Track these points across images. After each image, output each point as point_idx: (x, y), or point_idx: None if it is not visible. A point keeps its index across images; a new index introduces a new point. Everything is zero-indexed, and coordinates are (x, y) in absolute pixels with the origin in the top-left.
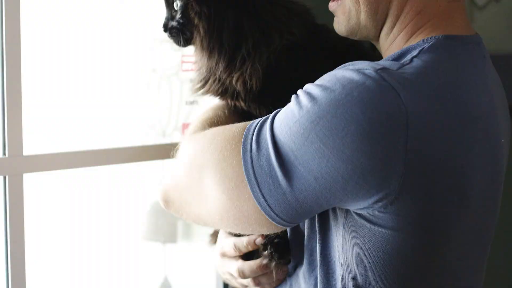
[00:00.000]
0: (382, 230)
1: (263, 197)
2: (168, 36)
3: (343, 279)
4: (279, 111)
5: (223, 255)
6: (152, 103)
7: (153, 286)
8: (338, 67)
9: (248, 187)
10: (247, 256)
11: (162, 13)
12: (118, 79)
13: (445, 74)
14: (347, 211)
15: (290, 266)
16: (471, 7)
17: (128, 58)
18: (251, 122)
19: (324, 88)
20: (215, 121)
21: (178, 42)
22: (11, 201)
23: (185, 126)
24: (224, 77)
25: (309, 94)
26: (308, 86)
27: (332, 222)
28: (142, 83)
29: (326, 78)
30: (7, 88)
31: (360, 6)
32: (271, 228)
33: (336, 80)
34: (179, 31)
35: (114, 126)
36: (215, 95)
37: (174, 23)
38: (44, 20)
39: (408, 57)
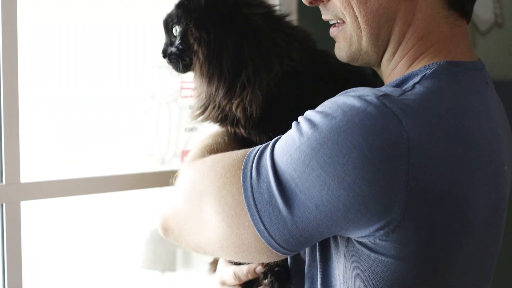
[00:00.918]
0: (383, 258)
1: (263, 225)
2: (167, 62)
3: None
4: (280, 138)
5: (223, 283)
6: (151, 130)
7: None
8: (339, 94)
9: (248, 214)
10: (247, 284)
11: (161, 38)
12: (117, 105)
13: (447, 100)
14: (348, 239)
15: None
16: (473, 33)
17: (127, 84)
18: (251, 149)
19: (325, 114)
20: (215, 148)
21: (177, 68)
22: (8, 229)
23: (184, 153)
24: (224, 103)
25: (310, 121)
26: (309, 113)
27: (333, 250)
28: (141, 109)
29: (327, 105)
30: (5, 116)
31: (361, 32)
32: (272, 256)
33: (337, 106)
34: (178, 57)
35: (113, 153)
36: (214, 121)
37: (173, 49)
38: (43, 48)
39: (410, 83)
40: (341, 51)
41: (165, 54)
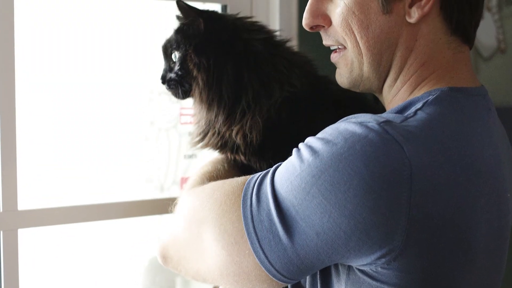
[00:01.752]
0: (385, 286)
1: (264, 253)
2: (166, 88)
3: None
4: (280, 165)
5: None
6: (150, 156)
7: None
8: (340, 120)
9: (248, 242)
10: None
11: (160, 64)
12: (116, 132)
13: (449, 127)
14: (349, 267)
15: None
16: (476, 58)
17: (126, 110)
18: (251, 176)
19: (326, 141)
20: (215, 175)
21: (176, 94)
22: (5, 257)
23: (183, 180)
24: (223, 130)
25: (311, 148)
26: (310, 140)
27: (334, 279)
28: (140, 136)
29: (328, 131)
30: (2, 143)
31: (363, 58)
32: (272, 284)
33: (338, 133)
34: (178, 83)
35: (111, 180)
36: (214, 148)
37: (172, 75)
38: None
39: (412, 109)
40: (342, 77)
41: (164, 80)
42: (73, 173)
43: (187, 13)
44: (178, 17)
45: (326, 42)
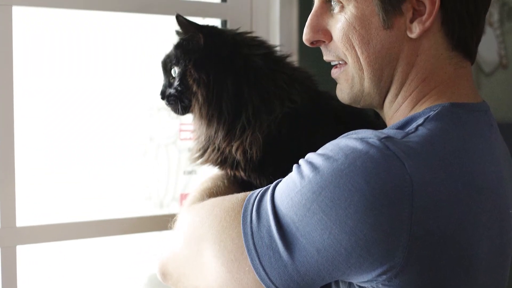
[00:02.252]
0: None
1: (264, 269)
2: (166, 104)
3: None
4: (280, 181)
5: None
6: (149, 173)
7: None
8: (341, 136)
9: (248, 259)
10: None
11: (159, 80)
12: (115, 148)
13: (451, 143)
14: (350, 284)
15: None
16: (478, 74)
17: (125, 126)
18: (251, 192)
19: (326, 157)
20: (214, 192)
21: (176, 110)
22: (3, 273)
23: (183, 196)
24: (223, 146)
25: (311, 164)
26: (310, 156)
27: None
28: (139, 152)
29: (329, 147)
30: (0, 160)
31: (363, 73)
32: None
33: (339, 149)
34: (177, 98)
35: (110, 197)
36: (214, 164)
37: (172, 91)
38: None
39: (413, 125)
40: (343, 93)
41: (163, 95)
42: (72, 189)
43: (187, 28)
44: (177, 32)
45: (326, 57)
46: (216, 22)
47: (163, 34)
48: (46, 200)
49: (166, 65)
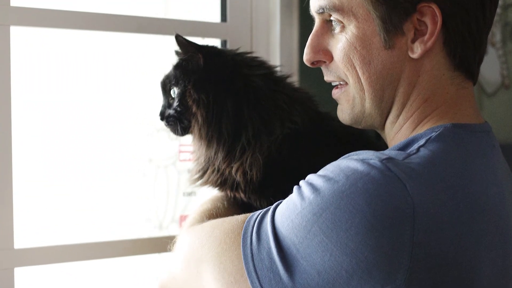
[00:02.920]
0: None
1: None
2: (165, 124)
3: None
4: (281, 202)
5: None
6: (148, 194)
7: None
8: (342, 157)
9: (249, 281)
10: None
11: (158, 101)
12: (114, 169)
13: (453, 164)
14: None
15: None
16: (480, 94)
17: (124, 147)
18: (251, 214)
19: (327, 178)
20: (214, 213)
21: (175, 131)
22: None
23: (182, 218)
24: (223, 167)
25: (312, 185)
26: (311, 177)
27: None
28: (138, 173)
29: (330, 169)
30: None
31: (364, 94)
32: None
33: (339, 170)
34: (177, 119)
35: (109, 218)
36: (213, 186)
37: (171, 111)
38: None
39: (415, 146)
40: (344, 113)
41: (162, 116)
42: (71, 211)
43: (186, 48)
44: (177, 53)
45: (327, 77)
46: (216, 42)
47: (163, 54)
48: (45, 221)
49: (166, 86)
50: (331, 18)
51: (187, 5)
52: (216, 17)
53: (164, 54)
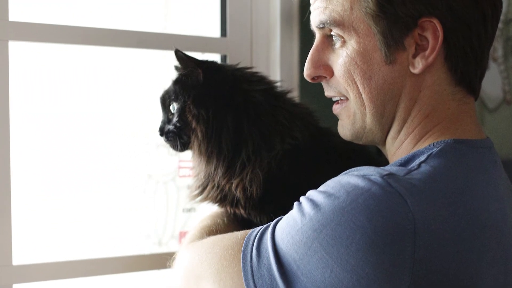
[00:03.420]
0: None
1: None
2: (165, 140)
3: None
4: (281, 219)
5: None
6: (147, 210)
7: None
8: (342, 173)
9: None
10: None
11: (158, 116)
12: (113, 185)
13: (454, 180)
14: None
15: None
16: (481, 110)
17: (123, 163)
18: (251, 230)
19: (328, 195)
20: (214, 229)
21: (175, 147)
22: None
23: (182, 234)
24: (223, 183)
25: (312, 201)
26: (311, 193)
27: None
28: (138, 189)
29: (330, 185)
30: None
31: (365, 109)
32: None
33: (340, 186)
34: (176, 135)
35: (108, 235)
36: (213, 202)
37: (170, 127)
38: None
39: (416, 162)
40: (345, 129)
41: (162, 132)
42: (70, 227)
43: (186, 63)
44: (176, 68)
45: (327, 93)
46: (215, 57)
47: (162, 69)
48: (43, 238)
49: (165, 101)
50: (332, 33)
51: (186, 20)
52: (216, 32)
53: (163, 69)
